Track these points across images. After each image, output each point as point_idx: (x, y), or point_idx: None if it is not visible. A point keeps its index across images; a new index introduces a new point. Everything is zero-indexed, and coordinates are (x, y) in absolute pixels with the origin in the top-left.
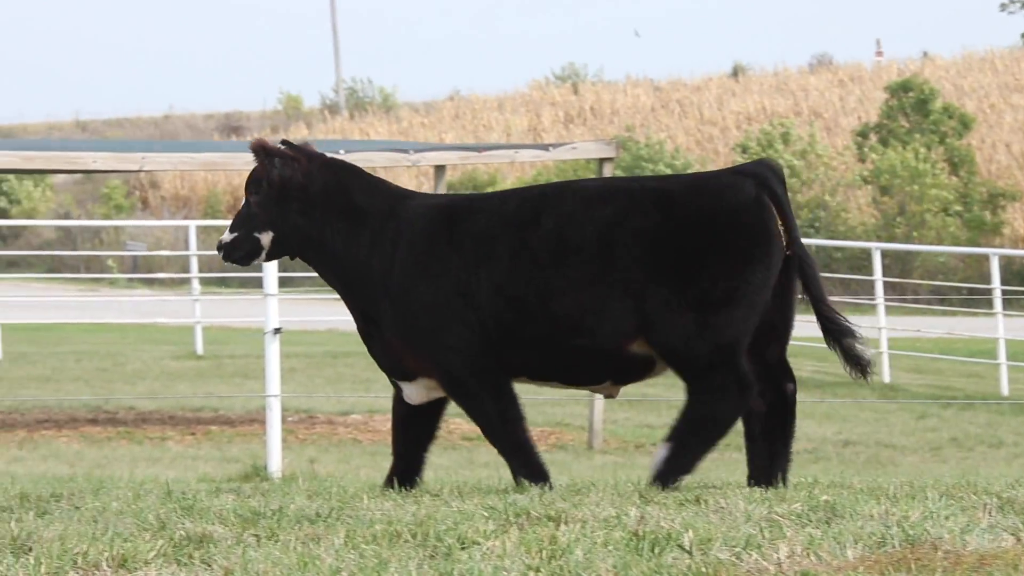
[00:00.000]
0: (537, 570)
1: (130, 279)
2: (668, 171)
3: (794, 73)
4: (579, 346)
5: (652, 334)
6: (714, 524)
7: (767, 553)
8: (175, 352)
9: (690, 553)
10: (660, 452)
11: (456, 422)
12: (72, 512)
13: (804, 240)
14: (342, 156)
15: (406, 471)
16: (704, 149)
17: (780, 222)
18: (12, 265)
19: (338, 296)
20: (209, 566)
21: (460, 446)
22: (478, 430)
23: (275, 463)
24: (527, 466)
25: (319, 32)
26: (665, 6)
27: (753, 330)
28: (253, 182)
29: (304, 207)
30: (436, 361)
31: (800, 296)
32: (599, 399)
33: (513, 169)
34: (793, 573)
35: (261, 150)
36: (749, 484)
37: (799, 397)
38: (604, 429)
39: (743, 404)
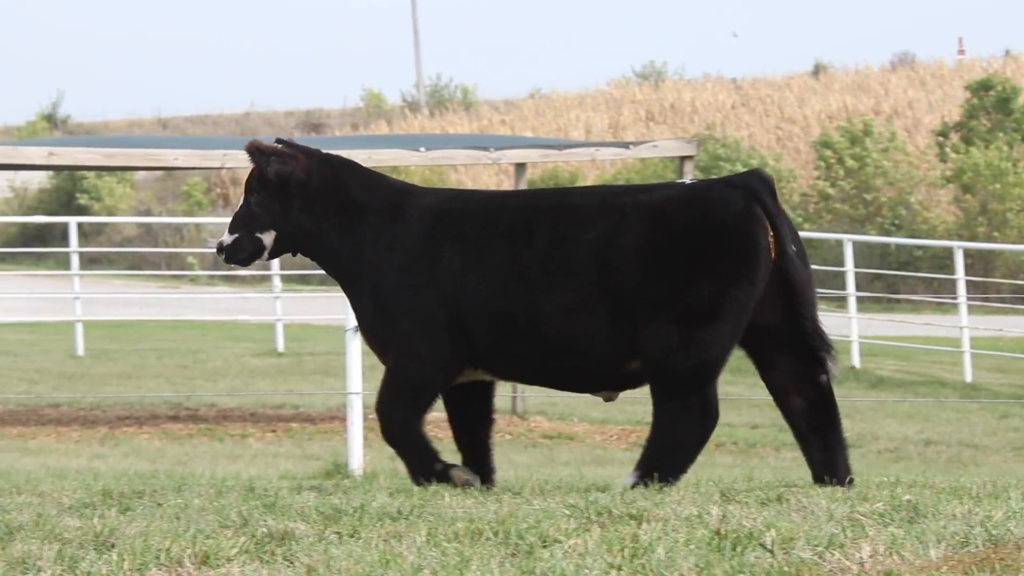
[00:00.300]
0: (619, 568)
1: (211, 276)
2: (744, 170)
3: (875, 71)
4: (573, 366)
5: (641, 348)
6: (796, 523)
7: (850, 552)
8: (256, 349)
9: (772, 552)
10: (628, 480)
11: (536, 420)
12: (154, 509)
13: (885, 239)
14: (423, 153)
15: (476, 463)
16: (784, 147)
17: (771, 233)
18: (94, 262)
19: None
20: (291, 563)
21: (541, 444)
22: (559, 428)
23: (356, 460)
24: (423, 468)
25: (400, 29)
26: (747, 4)
27: (732, 350)
28: (252, 183)
29: (305, 204)
30: (396, 361)
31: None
32: None
33: (593, 167)
34: (876, 573)
35: (256, 150)
36: (816, 482)
37: (881, 396)
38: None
39: (707, 429)
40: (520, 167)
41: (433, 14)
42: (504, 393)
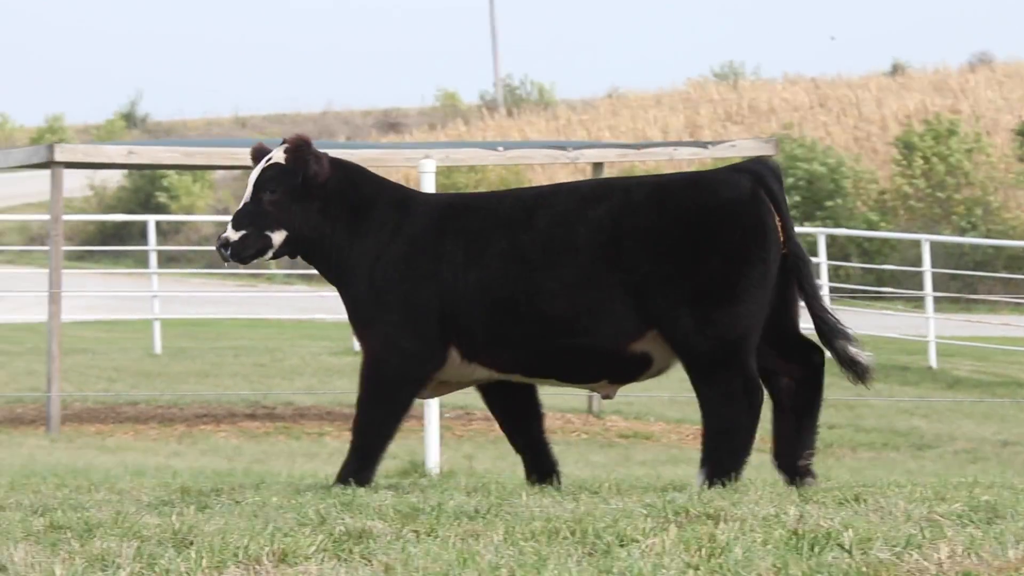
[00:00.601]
0: (696, 568)
1: (288, 275)
2: (822, 169)
3: (953, 71)
4: (576, 346)
5: (661, 330)
6: (874, 523)
7: (928, 553)
8: (333, 348)
9: (850, 552)
10: (699, 478)
11: (612, 419)
12: (232, 506)
13: (963, 239)
14: (500, 153)
15: (537, 460)
16: (862, 147)
17: (778, 219)
18: (171, 260)
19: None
20: (369, 561)
21: (617, 444)
22: (635, 427)
23: (433, 459)
24: (359, 472)
25: (478, 28)
26: (824, 3)
27: (759, 330)
28: (271, 180)
29: (323, 205)
30: (376, 353)
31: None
32: None
33: (671, 166)
34: (954, 573)
35: (307, 147)
36: (774, 457)
37: (958, 396)
38: (763, 428)
39: (755, 406)
40: (597, 166)
41: (511, 13)
42: (581, 393)
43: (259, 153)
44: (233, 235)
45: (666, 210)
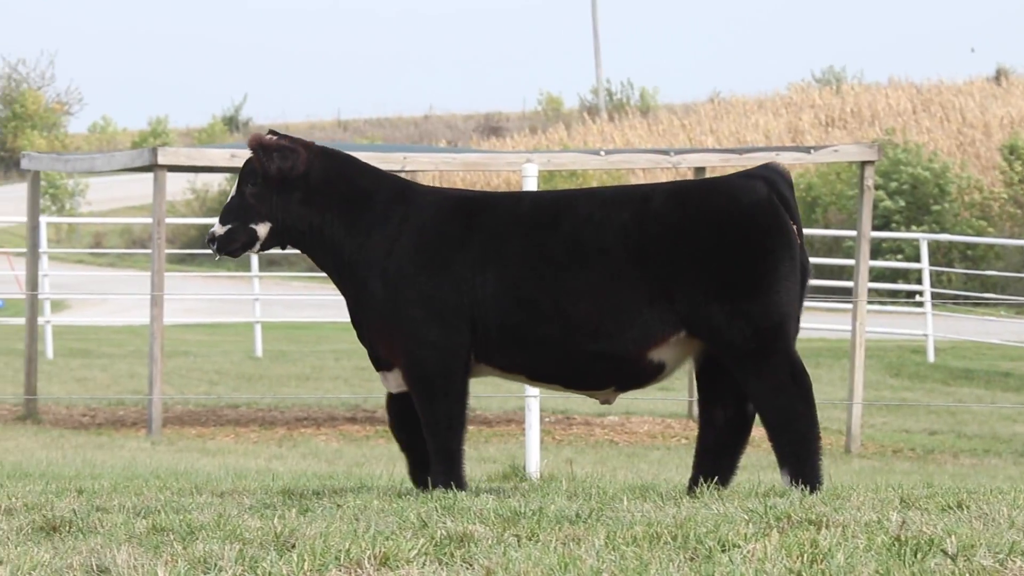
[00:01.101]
0: (798, 574)
1: None
2: (928, 175)
3: None
4: (597, 351)
5: (693, 331)
6: (977, 530)
7: None
8: None
9: (953, 559)
10: (784, 479)
11: None
12: (334, 510)
13: None
14: (602, 158)
15: (421, 463)
16: (965, 153)
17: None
18: (272, 264)
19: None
20: (470, 565)
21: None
22: None
23: (533, 463)
24: (450, 474)
25: (580, 32)
26: (927, 9)
27: (796, 320)
28: (248, 174)
29: (306, 195)
30: (410, 353)
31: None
32: (857, 404)
33: None
34: None
35: (259, 146)
36: (689, 488)
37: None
38: (862, 433)
39: (806, 389)
40: (699, 171)
41: (613, 17)
42: (681, 397)
43: (249, 145)
44: (220, 229)
45: (688, 214)
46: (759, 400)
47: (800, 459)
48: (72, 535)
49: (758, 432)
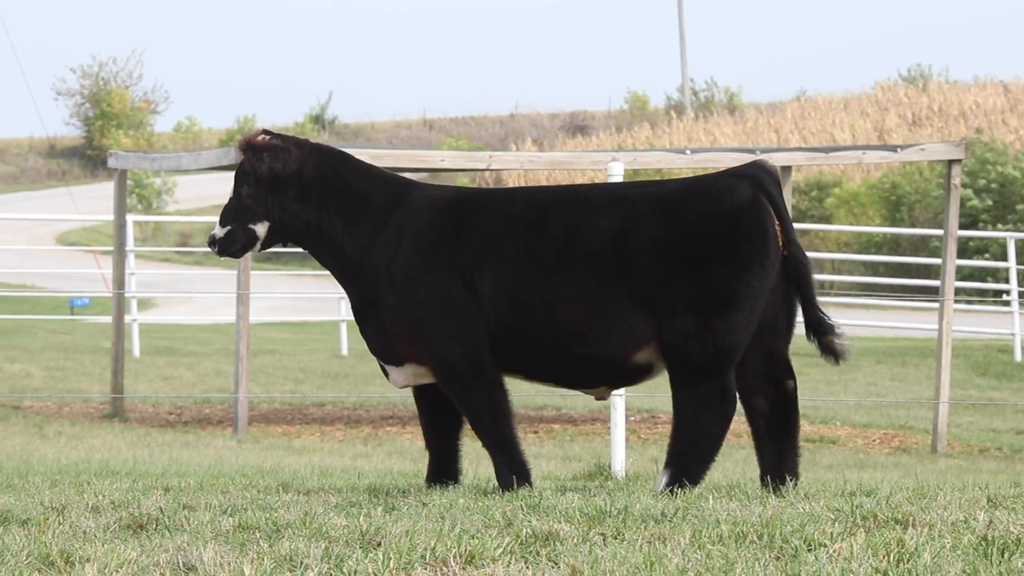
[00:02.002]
0: (884, 573)
1: None
2: (1016, 174)
3: None
4: (584, 354)
5: (660, 337)
6: None
7: None
8: None
9: None
10: (661, 480)
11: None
12: (419, 508)
13: None
14: (688, 157)
15: (443, 463)
16: None
17: (777, 223)
18: None
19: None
20: (556, 564)
21: (803, 447)
22: (821, 432)
23: (619, 462)
24: (511, 463)
25: (666, 31)
26: (1014, 6)
27: (750, 338)
28: (243, 176)
29: (301, 193)
30: (434, 351)
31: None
32: (944, 403)
33: (859, 170)
34: None
35: (248, 147)
36: (762, 482)
37: None
38: (948, 433)
39: (727, 416)
40: (785, 170)
41: (699, 16)
42: None
43: (240, 147)
44: (220, 231)
45: (671, 219)
46: (682, 408)
47: (687, 471)
48: (159, 533)
49: (842, 431)
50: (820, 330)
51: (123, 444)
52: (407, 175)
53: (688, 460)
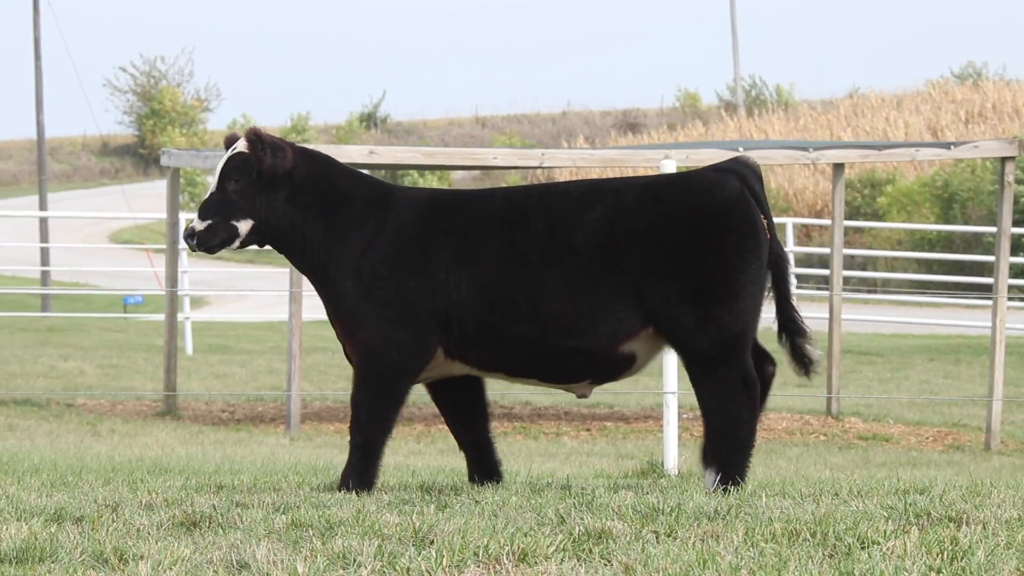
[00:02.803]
0: (938, 571)
1: None
2: None
3: None
4: (571, 347)
5: (659, 329)
6: None
7: None
8: None
9: None
10: (708, 479)
11: (851, 421)
12: (472, 506)
13: None
14: (741, 153)
15: (481, 459)
16: None
17: (761, 216)
18: None
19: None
20: (608, 562)
21: (855, 445)
22: (873, 429)
23: (671, 460)
24: (363, 472)
25: (718, 29)
26: None
27: (757, 325)
28: (234, 169)
29: (291, 194)
30: (373, 348)
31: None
32: (998, 401)
33: (912, 167)
34: None
35: (258, 139)
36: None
37: None
38: (1002, 430)
39: (752, 399)
40: (838, 167)
41: (751, 13)
42: (819, 394)
43: (229, 142)
44: (199, 225)
45: (661, 212)
46: (708, 403)
47: (732, 465)
48: (212, 530)
49: (895, 429)
50: (792, 330)
51: (176, 442)
52: (458, 173)
53: (728, 453)
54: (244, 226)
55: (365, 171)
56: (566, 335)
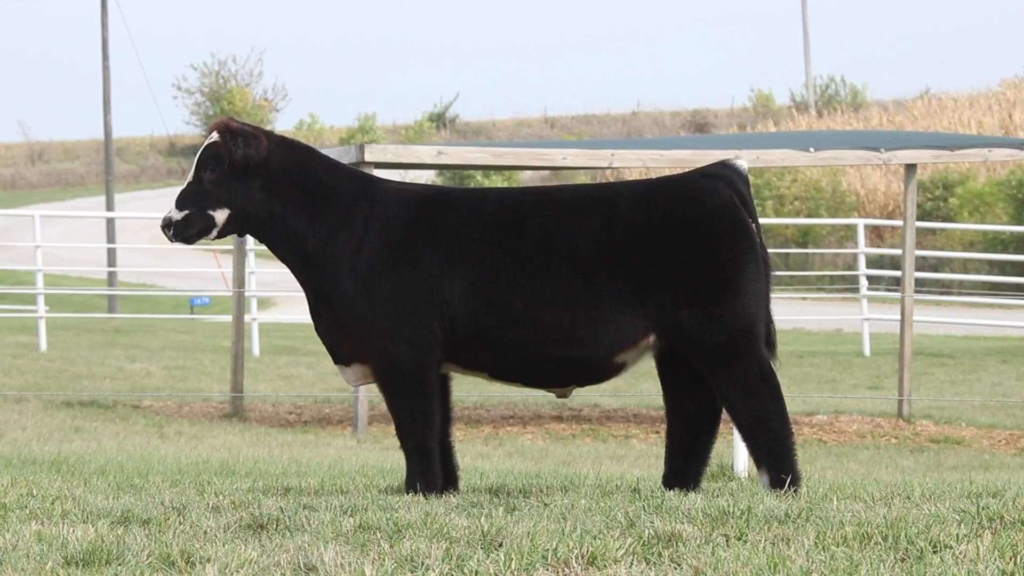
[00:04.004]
0: None
1: None
2: None
3: None
4: (564, 356)
5: (663, 336)
6: None
7: None
8: None
9: None
10: (764, 479)
11: (923, 424)
12: (540, 509)
13: None
14: (812, 154)
15: (441, 461)
16: None
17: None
18: None
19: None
20: (678, 565)
21: (927, 448)
22: (945, 432)
23: (741, 463)
24: (426, 474)
25: (790, 28)
26: None
27: (765, 317)
28: (209, 159)
29: (267, 183)
30: (384, 349)
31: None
32: None
33: (984, 168)
34: None
35: (226, 130)
36: (664, 483)
37: None
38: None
39: (775, 388)
40: (910, 168)
41: (824, 12)
42: (891, 397)
43: (211, 131)
44: (176, 215)
45: (654, 218)
46: (731, 402)
47: (778, 458)
48: (279, 533)
49: (967, 432)
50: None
51: (243, 444)
52: (526, 172)
53: (768, 447)
54: (220, 216)
55: (390, 171)
56: (563, 345)
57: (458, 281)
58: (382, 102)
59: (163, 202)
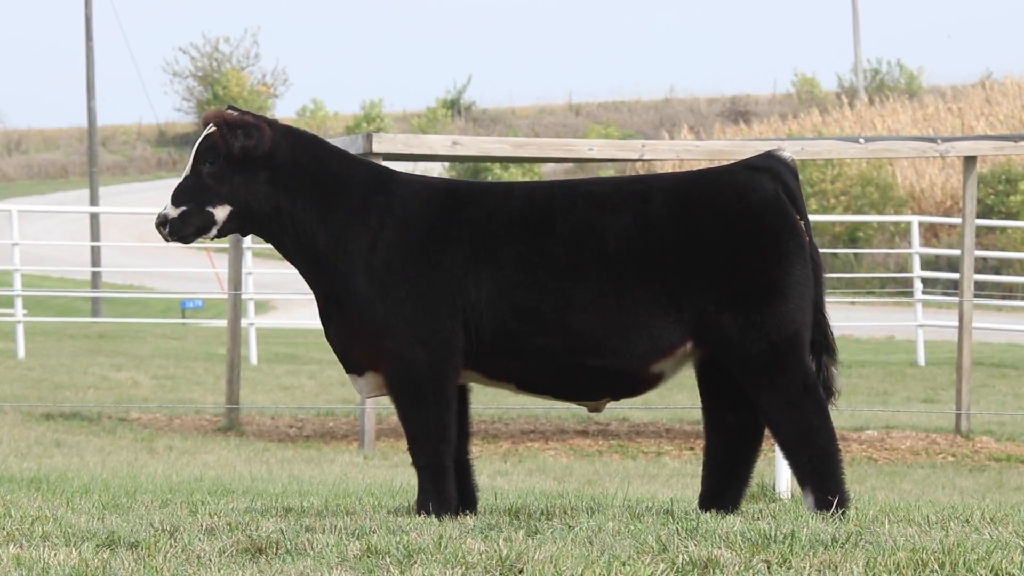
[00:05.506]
0: None
1: None
2: None
3: None
4: (596, 366)
5: (702, 343)
6: None
7: None
8: None
9: None
10: (809, 500)
11: (983, 440)
12: (565, 531)
13: None
14: (861, 146)
15: (459, 482)
16: None
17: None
18: None
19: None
20: None
21: (988, 467)
22: (1008, 450)
23: (784, 483)
24: (439, 493)
25: (838, 8)
26: None
27: (809, 326)
28: (206, 152)
29: (272, 176)
30: (399, 354)
31: None
32: None
33: None
34: None
35: (223, 123)
36: (700, 504)
37: None
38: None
39: (820, 402)
40: (969, 161)
41: None
42: (947, 411)
43: (206, 121)
44: (172, 212)
45: (694, 216)
46: (773, 416)
47: (823, 476)
48: (279, 557)
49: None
50: (822, 346)
51: (239, 460)
52: (548, 165)
53: (812, 465)
54: (221, 213)
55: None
56: (595, 354)
57: (484, 283)
58: (390, 87)
59: (151, 196)
